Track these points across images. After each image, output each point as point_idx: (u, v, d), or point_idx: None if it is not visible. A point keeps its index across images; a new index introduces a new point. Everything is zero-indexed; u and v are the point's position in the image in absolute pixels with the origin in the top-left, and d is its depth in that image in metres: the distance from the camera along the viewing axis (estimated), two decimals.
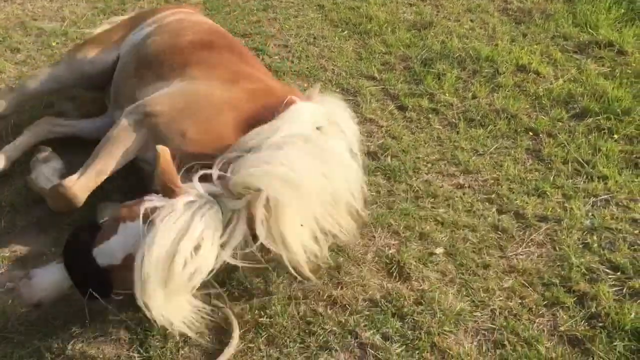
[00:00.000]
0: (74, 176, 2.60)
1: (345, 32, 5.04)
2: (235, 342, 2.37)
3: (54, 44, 4.55)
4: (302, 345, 2.42)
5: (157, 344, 2.39)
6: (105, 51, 3.44)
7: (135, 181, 2.97)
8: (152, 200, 2.26)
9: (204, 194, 2.27)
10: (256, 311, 2.54)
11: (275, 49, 4.75)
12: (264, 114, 2.55)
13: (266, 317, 2.51)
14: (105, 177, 2.63)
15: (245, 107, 2.63)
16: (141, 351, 2.37)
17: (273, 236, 2.33)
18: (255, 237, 2.33)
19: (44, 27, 4.81)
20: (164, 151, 2.21)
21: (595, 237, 3.00)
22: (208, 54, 2.99)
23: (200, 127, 2.56)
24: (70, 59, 3.54)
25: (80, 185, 2.57)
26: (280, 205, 2.28)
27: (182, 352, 2.38)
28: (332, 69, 4.49)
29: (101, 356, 2.34)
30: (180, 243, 2.12)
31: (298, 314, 2.54)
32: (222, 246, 2.27)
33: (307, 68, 4.47)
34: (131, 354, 2.37)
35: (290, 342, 2.42)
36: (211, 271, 2.27)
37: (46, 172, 2.93)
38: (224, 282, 2.67)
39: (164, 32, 3.23)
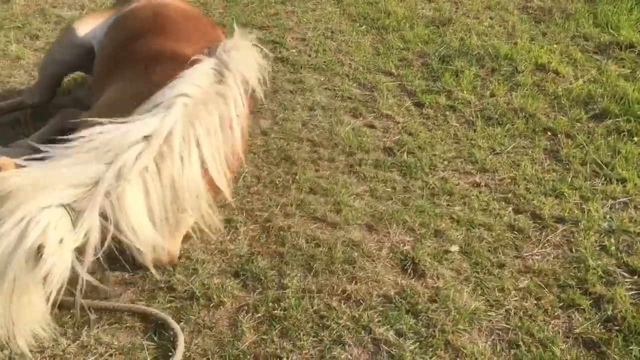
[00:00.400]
0: None
1: (363, 26, 5.02)
2: (182, 341, 2.32)
3: None
4: (315, 339, 2.41)
5: (171, 332, 2.39)
6: (93, 29, 3.36)
7: None
8: None
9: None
10: (270, 303, 2.54)
11: (293, 42, 4.74)
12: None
13: (280, 310, 2.51)
14: None
15: (150, 94, 2.55)
16: (155, 339, 2.38)
17: (121, 229, 2.22)
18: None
19: (63, 15, 4.83)
20: (4, 162, 2.18)
21: (612, 240, 2.97)
22: (131, 49, 2.92)
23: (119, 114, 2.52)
24: (60, 36, 3.54)
25: None
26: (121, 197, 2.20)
27: (196, 341, 2.38)
28: (350, 63, 4.48)
29: (115, 343, 2.35)
30: (19, 246, 2.00)
31: (312, 307, 2.54)
32: (81, 248, 2.15)
33: (324, 62, 4.45)
34: (145, 342, 2.37)
35: (303, 335, 2.42)
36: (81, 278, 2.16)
37: None
38: (237, 273, 2.69)
39: (109, 33, 3.21)
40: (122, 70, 2.83)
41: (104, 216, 2.17)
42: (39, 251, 2.01)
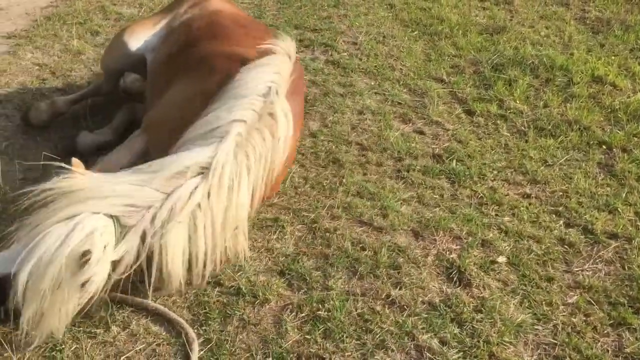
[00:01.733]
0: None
1: (416, 32, 5.01)
2: (196, 348, 2.33)
3: None
4: (358, 342, 2.42)
5: (217, 326, 2.44)
6: (145, 41, 3.44)
7: None
8: None
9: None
10: (314, 304, 2.55)
11: (344, 45, 4.76)
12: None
13: (324, 311, 2.52)
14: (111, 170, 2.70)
15: (213, 92, 2.69)
16: (201, 332, 2.42)
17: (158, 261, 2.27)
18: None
19: (123, 12, 4.98)
20: (76, 163, 2.27)
21: None
22: (191, 52, 3.05)
23: (177, 123, 2.65)
24: (113, 44, 3.62)
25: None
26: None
27: (241, 336, 2.41)
28: (400, 68, 4.47)
29: (164, 333, 2.40)
30: (64, 244, 2.05)
31: (356, 310, 2.54)
32: (115, 263, 2.20)
33: (375, 66, 4.46)
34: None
35: (346, 337, 2.42)
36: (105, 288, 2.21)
37: None
38: (283, 272, 2.71)
39: (165, 42, 3.31)
40: (185, 73, 2.93)
41: (143, 240, 2.23)
42: (83, 256, 2.05)
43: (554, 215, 3.15)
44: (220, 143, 2.41)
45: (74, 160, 2.28)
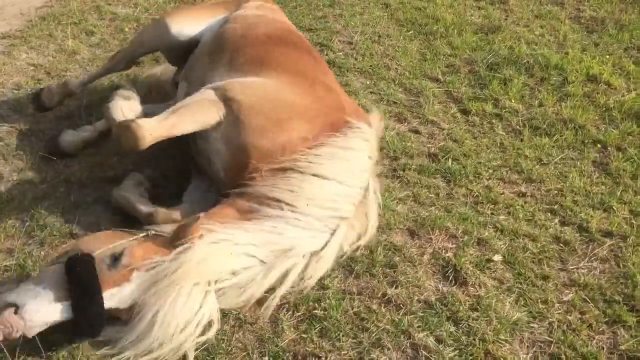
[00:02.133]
0: (149, 119, 2.58)
1: (411, 32, 5.01)
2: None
3: (126, 29, 4.70)
4: (354, 341, 2.42)
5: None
6: (190, 26, 3.43)
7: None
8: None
9: None
10: (311, 303, 2.56)
11: (340, 45, 4.76)
12: (328, 132, 2.73)
13: (320, 310, 2.53)
14: (175, 133, 2.61)
15: (316, 121, 2.74)
16: None
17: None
18: None
19: (118, 13, 4.97)
20: (195, 230, 2.35)
21: None
22: (284, 51, 3.04)
23: (272, 126, 2.65)
24: (157, 23, 3.56)
25: (152, 128, 2.52)
26: None
27: (237, 335, 2.42)
28: (396, 68, 4.47)
29: None
30: (195, 317, 2.28)
31: (352, 309, 2.55)
32: None
33: (371, 66, 4.46)
34: None
35: (343, 336, 2.43)
36: None
37: (124, 107, 2.76)
38: None
39: (239, 21, 3.29)
40: (276, 70, 2.88)
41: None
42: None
43: (549, 214, 3.16)
44: (331, 237, 2.61)
45: (197, 223, 2.34)
